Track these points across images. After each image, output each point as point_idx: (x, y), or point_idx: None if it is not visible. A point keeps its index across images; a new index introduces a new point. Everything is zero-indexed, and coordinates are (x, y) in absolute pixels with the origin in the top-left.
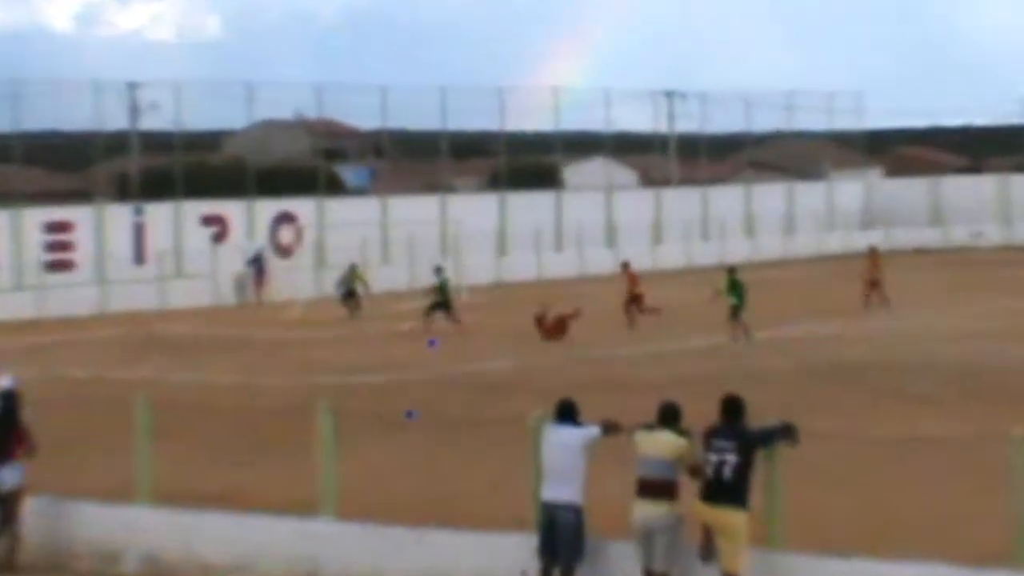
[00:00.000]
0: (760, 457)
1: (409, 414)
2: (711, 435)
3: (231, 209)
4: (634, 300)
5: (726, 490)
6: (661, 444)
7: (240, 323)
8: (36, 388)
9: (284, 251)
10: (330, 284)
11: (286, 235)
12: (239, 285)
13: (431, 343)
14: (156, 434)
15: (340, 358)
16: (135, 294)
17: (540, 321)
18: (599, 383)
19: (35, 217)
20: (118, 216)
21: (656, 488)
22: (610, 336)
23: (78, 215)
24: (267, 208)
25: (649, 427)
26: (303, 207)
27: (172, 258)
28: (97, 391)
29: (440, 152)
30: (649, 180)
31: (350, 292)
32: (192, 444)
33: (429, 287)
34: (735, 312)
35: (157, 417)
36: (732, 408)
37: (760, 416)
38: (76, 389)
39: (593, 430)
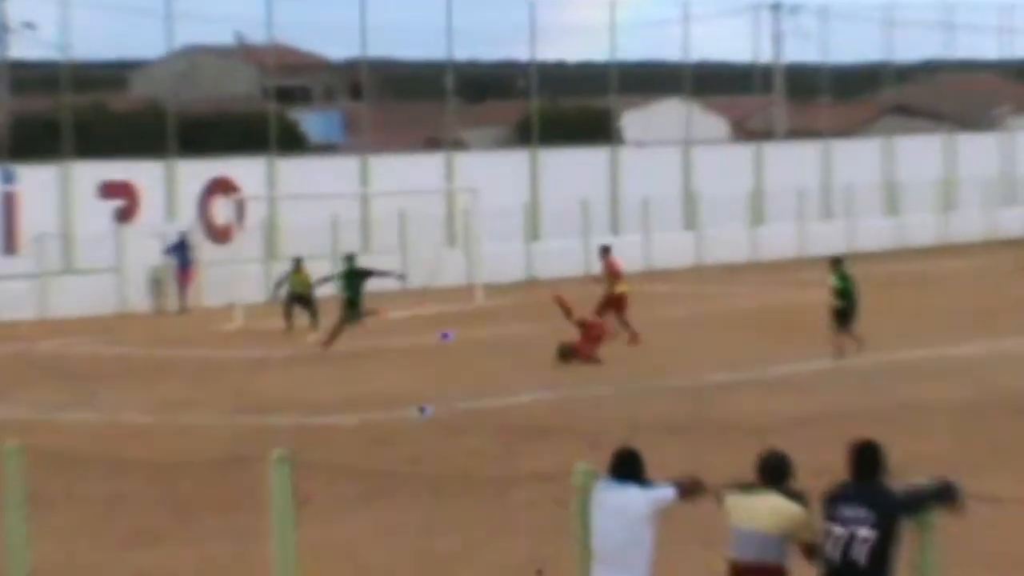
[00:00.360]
0: (907, 530)
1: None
2: (836, 499)
3: (142, 174)
4: (612, 304)
5: None
6: (764, 513)
7: (157, 338)
8: None
9: (219, 235)
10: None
11: (222, 212)
12: (155, 284)
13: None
14: (36, 501)
15: (301, 389)
16: (3, 297)
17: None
18: (673, 424)
19: None
20: None
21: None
22: (683, 357)
23: None
24: (195, 173)
25: (747, 488)
26: (247, 171)
27: (58, 245)
28: None
29: (444, 92)
30: (745, 131)
31: (300, 297)
32: (87, 513)
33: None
34: (844, 318)
35: (37, 476)
36: (866, 460)
37: (905, 471)
38: None
39: (665, 491)
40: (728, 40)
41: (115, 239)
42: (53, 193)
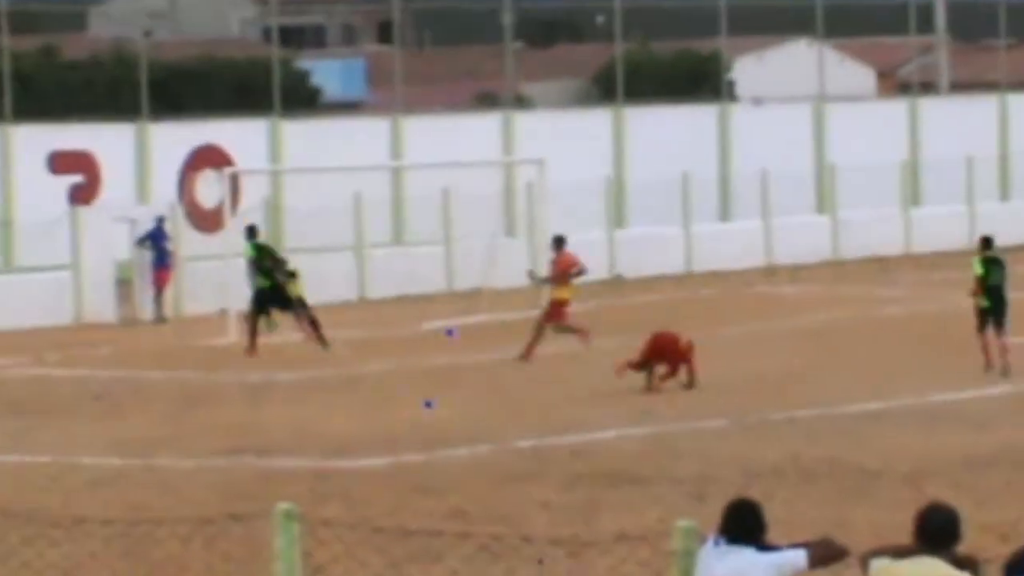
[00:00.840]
0: None
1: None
2: (1019, 570)
3: (105, 141)
4: (553, 311)
5: None
6: None
7: (126, 357)
8: None
9: (207, 221)
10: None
11: (210, 191)
12: (121, 285)
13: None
14: None
15: (315, 422)
16: None
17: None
18: (803, 468)
19: None
20: None
21: None
22: (815, 381)
23: None
24: (174, 139)
25: (901, 552)
26: (241, 137)
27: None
28: None
29: (501, 34)
30: (897, 83)
31: (289, 301)
32: None
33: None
34: (995, 317)
35: None
36: None
37: None
38: None
39: (794, 556)
40: None
41: (70, 226)
42: None
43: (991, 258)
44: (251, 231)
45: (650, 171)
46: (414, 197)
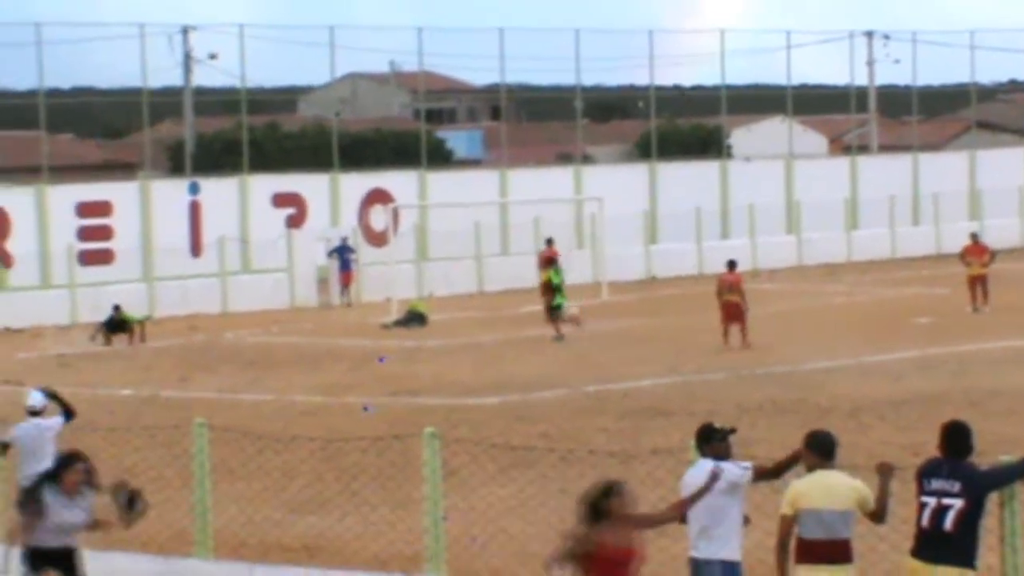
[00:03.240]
0: (993, 502)
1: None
2: (928, 474)
3: (309, 186)
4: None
5: (947, 544)
6: (834, 491)
7: (323, 330)
8: (78, 406)
9: (376, 239)
10: (436, 279)
11: (379, 219)
12: (320, 282)
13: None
14: (218, 470)
15: (449, 374)
16: (190, 294)
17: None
18: (778, 406)
19: (64, 196)
20: (168, 195)
21: (828, 551)
22: (787, 347)
23: (118, 193)
24: (355, 184)
25: (812, 467)
26: (400, 183)
27: (236, 248)
28: (145, 415)
29: (573, 113)
30: (842, 146)
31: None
32: (264, 482)
33: None
34: None
35: (219, 448)
36: (956, 439)
37: (994, 452)
38: (120, 412)
39: (745, 469)
40: (826, 65)
41: (286, 243)
42: (232, 203)
43: None
44: (551, 261)
45: (673, 206)
46: (515, 223)
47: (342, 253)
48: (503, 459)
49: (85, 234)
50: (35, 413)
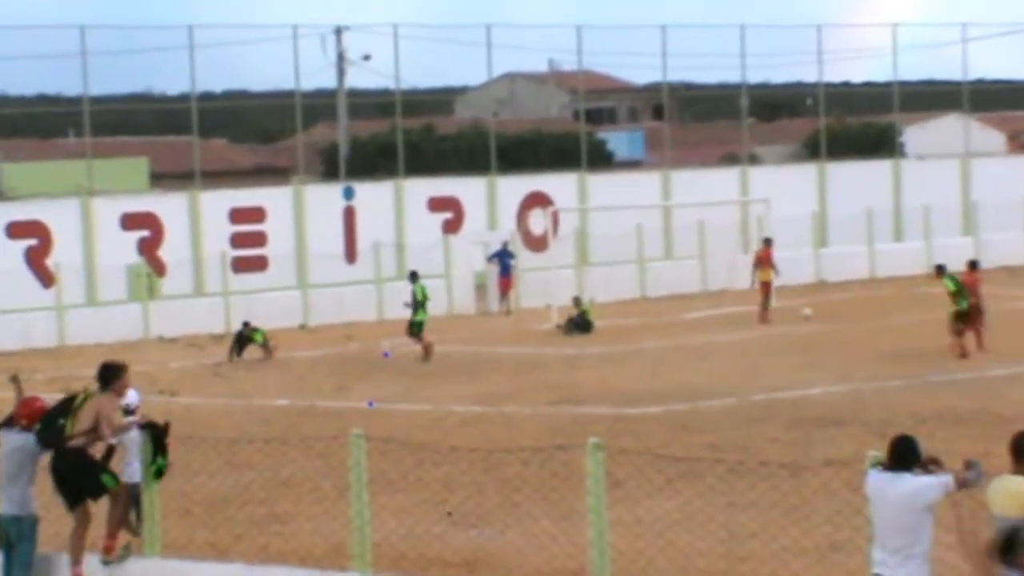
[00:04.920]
0: None
1: (386, 354)
2: None
3: (466, 189)
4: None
5: None
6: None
7: (482, 337)
8: (222, 420)
9: (536, 243)
10: (597, 284)
11: (538, 223)
12: (479, 288)
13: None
14: (376, 482)
15: (611, 382)
16: (345, 301)
17: None
18: (953, 415)
19: (217, 202)
20: (322, 200)
21: None
22: (989, 349)
23: (271, 199)
24: (513, 187)
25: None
26: (559, 186)
27: (392, 254)
28: (301, 425)
29: (738, 111)
30: (1021, 143)
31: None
32: (423, 494)
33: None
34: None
35: (377, 460)
36: None
37: None
38: (275, 423)
39: (943, 480)
40: (1005, 58)
41: (443, 248)
42: (387, 207)
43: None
44: (414, 275)
45: (844, 207)
46: (678, 226)
47: (502, 258)
48: (669, 470)
49: (238, 240)
50: (129, 412)
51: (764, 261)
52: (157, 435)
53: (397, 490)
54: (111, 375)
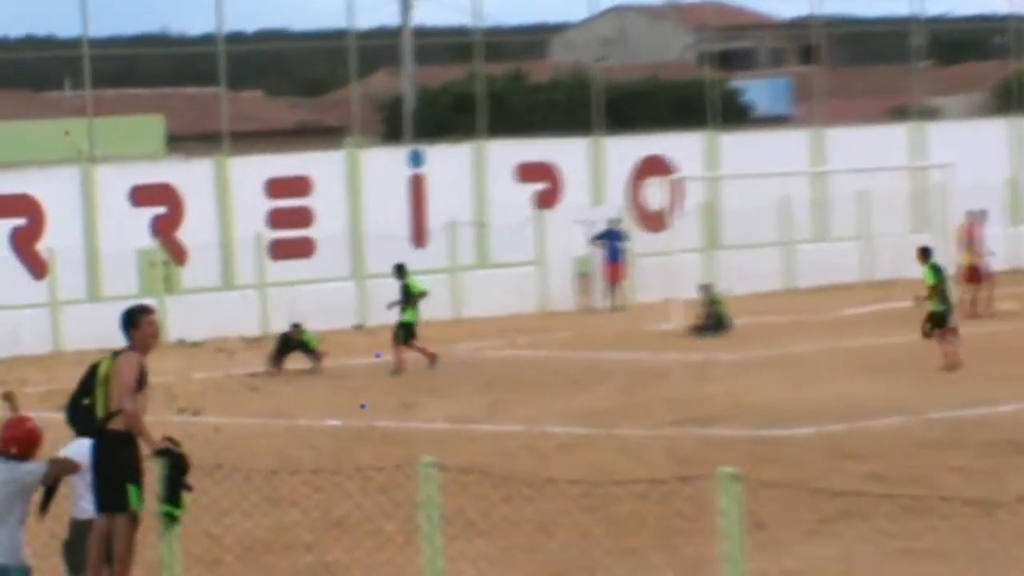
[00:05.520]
0: None
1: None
2: None
3: (565, 153)
4: None
5: None
6: None
7: (584, 340)
8: (259, 444)
9: (652, 221)
10: (730, 272)
11: (655, 195)
12: (581, 278)
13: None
14: (453, 522)
15: (749, 396)
16: None
17: None
18: None
19: (251, 171)
20: (383, 167)
21: None
22: None
23: (319, 166)
24: (624, 151)
25: None
26: (682, 148)
27: (471, 236)
28: (358, 452)
29: (911, 54)
30: None
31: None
32: (512, 539)
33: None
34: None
35: (454, 495)
36: None
37: None
38: (325, 448)
39: None
40: None
41: (535, 227)
42: (465, 176)
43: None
44: (400, 269)
45: None
46: (834, 199)
47: (609, 240)
48: (825, 508)
49: (277, 219)
50: None
51: (969, 240)
52: (175, 469)
53: (479, 533)
54: (127, 321)
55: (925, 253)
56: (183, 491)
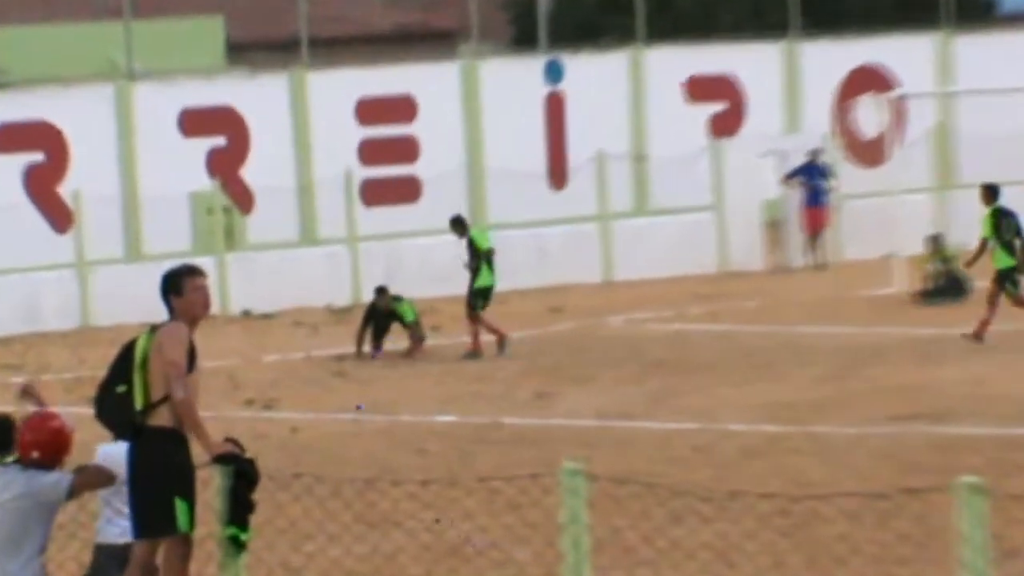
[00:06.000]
0: None
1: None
2: None
3: (750, 63)
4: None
5: None
6: None
7: (776, 308)
8: (350, 448)
9: (867, 153)
10: (970, 220)
11: (871, 118)
12: (770, 227)
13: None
14: (606, 545)
15: (995, 383)
16: (548, 252)
17: None
18: None
19: (336, 88)
20: (511, 84)
21: None
22: None
23: (425, 83)
24: (826, 58)
25: None
26: (906, 55)
27: (626, 172)
28: (480, 456)
29: None
30: None
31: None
32: (686, 568)
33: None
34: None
35: (606, 510)
36: None
37: None
38: (439, 452)
39: None
40: None
41: (710, 162)
42: (618, 94)
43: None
44: (458, 222)
45: None
46: None
47: (810, 177)
48: None
49: (371, 153)
50: None
51: None
52: (241, 479)
53: (639, 562)
54: (167, 286)
55: (990, 193)
56: (250, 509)
